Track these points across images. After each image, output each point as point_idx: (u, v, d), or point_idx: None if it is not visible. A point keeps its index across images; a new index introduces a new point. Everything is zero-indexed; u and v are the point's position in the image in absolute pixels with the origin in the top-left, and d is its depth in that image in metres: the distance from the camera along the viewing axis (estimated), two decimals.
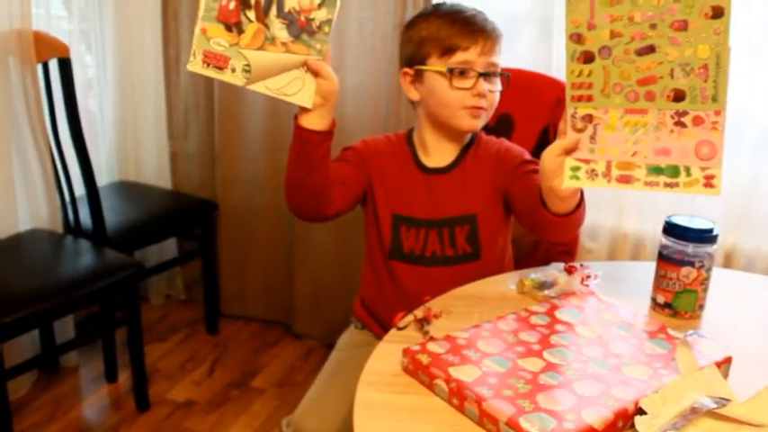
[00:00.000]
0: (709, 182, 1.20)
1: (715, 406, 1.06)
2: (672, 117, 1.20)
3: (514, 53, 2.25)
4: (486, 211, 1.63)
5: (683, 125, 1.19)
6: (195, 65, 1.38)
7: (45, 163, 2.40)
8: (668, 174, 1.22)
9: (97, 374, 2.60)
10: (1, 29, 2.23)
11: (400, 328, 1.35)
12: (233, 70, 1.38)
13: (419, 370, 1.18)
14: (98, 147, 2.83)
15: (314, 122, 1.45)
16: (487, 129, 1.79)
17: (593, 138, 1.25)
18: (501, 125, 1.89)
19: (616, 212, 2.29)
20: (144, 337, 2.41)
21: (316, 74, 1.41)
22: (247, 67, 1.38)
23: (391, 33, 2.38)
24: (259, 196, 2.80)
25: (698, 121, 1.18)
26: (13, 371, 2.08)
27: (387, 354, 1.27)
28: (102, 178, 2.79)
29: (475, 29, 1.57)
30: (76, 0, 2.71)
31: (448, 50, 1.57)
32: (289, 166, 1.52)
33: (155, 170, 2.93)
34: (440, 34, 1.58)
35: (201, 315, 2.94)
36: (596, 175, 1.26)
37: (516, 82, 1.80)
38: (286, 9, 1.37)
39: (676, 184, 1.22)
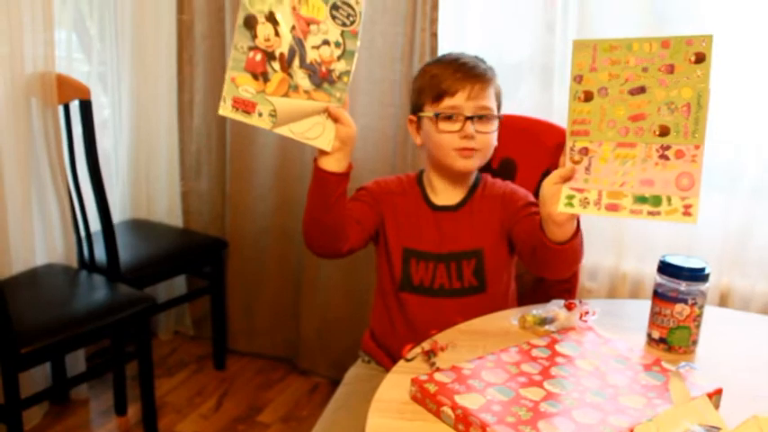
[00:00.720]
0: (687, 210, 1.30)
1: None
2: (657, 150, 1.31)
3: (517, 101, 2.35)
4: (492, 247, 1.71)
5: (667, 158, 1.31)
6: (225, 109, 1.48)
7: (62, 200, 2.48)
8: (651, 203, 1.33)
9: (107, 407, 2.66)
10: (26, 71, 2.32)
11: (408, 360, 1.42)
12: (260, 114, 1.49)
13: (427, 398, 1.25)
14: (111, 185, 2.91)
15: (332, 165, 1.55)
16: (492, 172, 1.88)
17: (587, 169, 1.37)
18: (504, 169, 1.97)
19: (615, 253, 2.37)
20: (153, 372, 2.46)
21: (336, 120, 1.51)
22: (273, 113, 1.48)
23: (399, 80, 2.48)
24: (268, 234, 2.87)
25: (679, 154, 1.30)
26: (26, 402, 2.13)
27: (396, 383, 1.33)
28: (115, 216, 2.86)
29: (462, 75, 1.68)
30: (95, 43, 2.82)
31: (437, 97, 1.68)
32: (308, 205, 1.62)
33: (166, 208, 3.01)
34: (432, 82, 1.70)
35: (209, 351, 3.00)
36: (588, 203, 1.38)
37: (518, 128, 1.90)
38: (308, 61, 1.48)
39: (658, 213, 1.32)
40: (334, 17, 1.49)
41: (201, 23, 2.81)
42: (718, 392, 1.29)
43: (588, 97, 1.34)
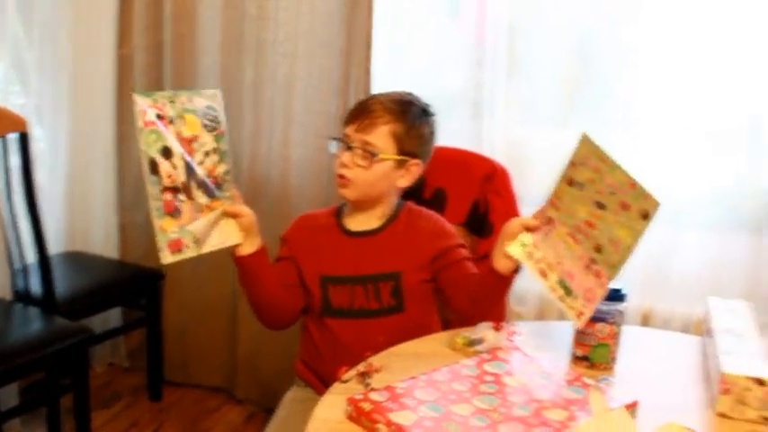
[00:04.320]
0: (579, 315, 1.46)
1: None
2: (587, 259, 1.45)
3: (448, 132, 2.43)
4: (411, 273, 1.78)
5: (589, 269, 1.45)
6: (166, 257, 1.58)
7: None
8: (565, 291, 1.49)
9: None
10: None
11: (344, 381, 1.47)
12: (187, 247, 1.61)
13: (362, 416, 1.30)
14: (47, 217, 2.88)
15: (248, 249, 1.70)
16: (423, 202, 1.96)
17: (546, 234, 1.52)
18: (435, 199, 2.05)
19: None
20: (89, 405, 2.44)
21: (234, 216, 1.66)
22: (195, 239, 1.61)
23: (335, 114, 2.55)
24: (204, 265, 2.88)
25: (598, 274, 1.44)
26: None
27: (332, 404, 1.38)
28: (51, 248, 2.84)
29: (358, 109, 1.81)
30: (32, 76, 2.82)
31: (343, 125, 1.82)
32: (247, 294, 1.79)
33: (103, 240, 3.01)
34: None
35: (145, 382, 2.99)
36: (531, 258, 1.53)
37: (449, 159, 1.98)
38: (200, 178, 1.61)
39: (564, 301, 1.49)
40: (205, 125, 1.63)
41: (141, 57, 2.85)
42: (635, 405, 1.37)
43: (571, 183, 1.47)
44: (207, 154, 1.64)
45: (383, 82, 2.50)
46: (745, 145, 2.33)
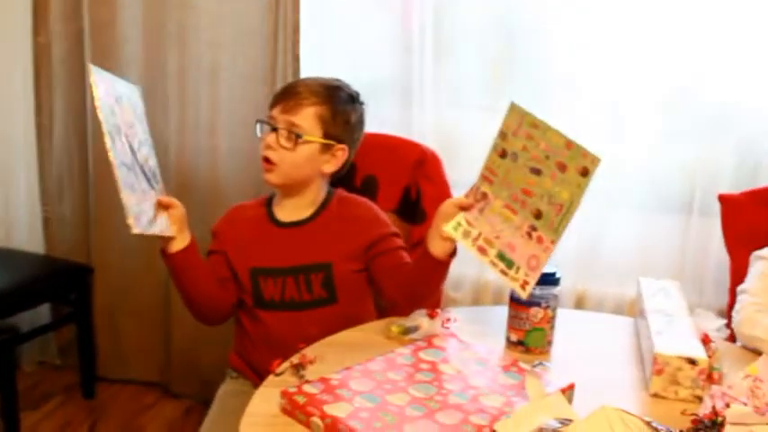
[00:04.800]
0: (523, 285, 1.44)
1: (559, 426, 1.20)
2: (527, 227, 1.44)
3: (379, 119, 2.42)
4: (343, 262, 1.77)
5: (530, 237, 1.43)
6: (134, 227, 1.50)
7: None
8: (506, 264, 1.47)
9: None
10: None
11: (278, 374, 1.44)
12: (147, 224, 1.55)
13: (296, 409, 1.28)
14: None
15: (179, 245, 1.66)
16: (354, 189, 1.93)
17: (481, 211, 1.50)
18: (367, 186, 2.03)
19: (478, 264, 2.46)
20: (18, 405, 2.38)
21: (167, 207, 1.62)
22: (148, 218, 1.56)
23: (262, 102, 2.50)
24: (135, 258, 2.83)
25: (539, 240, 1.42)
26: None
27: (266, 397, 1.36)
28: None
29: (285, 91, 1.80)
30: None
31: (268, 108, 1.79)
32: (180, 292, 1.73)
33: (27, 235, 2.92)
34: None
35: (77, 380, 2.91)
36: (468, 236, 1.51)
37: (380, 145, 1.96)
38: (140, 164, 1.58)
39: (506, 274, 1.46)
40: (136, 116, 1.61)
41: (59, 46, 2.75)
42: (571, 387, 1.38)
43: (503, 155, 1.46)
44: (140, 143, 1.60)
45: (311, 69, 2.46)
46: (671, 125, 2.36)
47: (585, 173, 1.35)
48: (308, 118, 1.75)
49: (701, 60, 2.28)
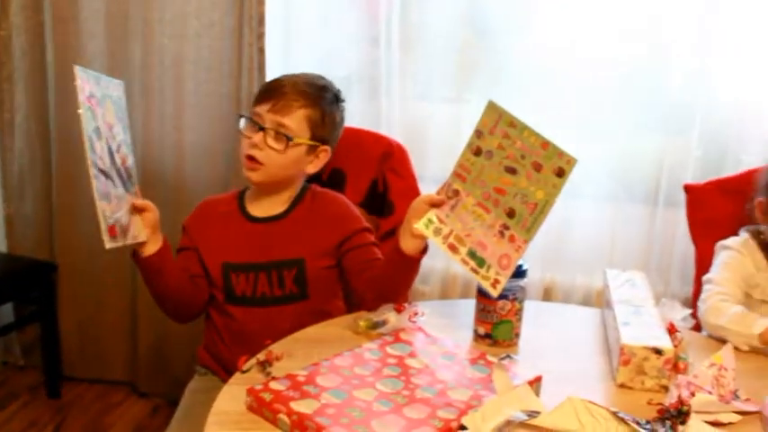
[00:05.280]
0: (494, 284, 1.47)
1: (527, 418, 1.20)
2: (500, 226, 1.45)
3: (347, 112, 2.40)
4: (315, 259, 1.76)
5: (503, 236, 1.45)
6: (108, 242, 1.51)
7: None
8: (477, 262, 1.49)
9: None
10: None
11: (244, 371, 1.43)
12: (120, 235, 1.55)
13: (263, 407, 1.27)
14: None
15: (152, 248, 1.65)
16: (322, 183, 1.92)
17: (453, 208, 1.52)
18: (334, 179, 2.02)
19: (446, 257, 2.45)
20: None
21: (141, 210, 1.61)
22: (122, 228, 1.56)
23: (228, 94, 2.48)
24: (100, 254, 2.77)
25: (511, 239, 1.45)
26: None
27: (232, 395, 1.34)
28: None
29: (271, 89, 1.77)
30: None
31: (253, 104, 1.77)
32: (151, 292, 1.73)
33: None
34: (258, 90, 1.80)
35: (42, 380, 2.87)
36: (439, 233, 1.53)
37: (347, 139, 1.95)
38: (117, 167, 1.57)
39: (477, 272, 1.49)
40: (117, 116, 1.59)
41: (20, 39, 2.69)
42: (538, 380, 1.38)
43: (477, 152, 1.47)
44: (119, 144, 1.59)
45: (277, 62, 2.45)
46: (636, 116, 2.37)
47: (561, 173, 1.37)
48: (298, 120, 1.73)
49: (667, 52, 2.30)
